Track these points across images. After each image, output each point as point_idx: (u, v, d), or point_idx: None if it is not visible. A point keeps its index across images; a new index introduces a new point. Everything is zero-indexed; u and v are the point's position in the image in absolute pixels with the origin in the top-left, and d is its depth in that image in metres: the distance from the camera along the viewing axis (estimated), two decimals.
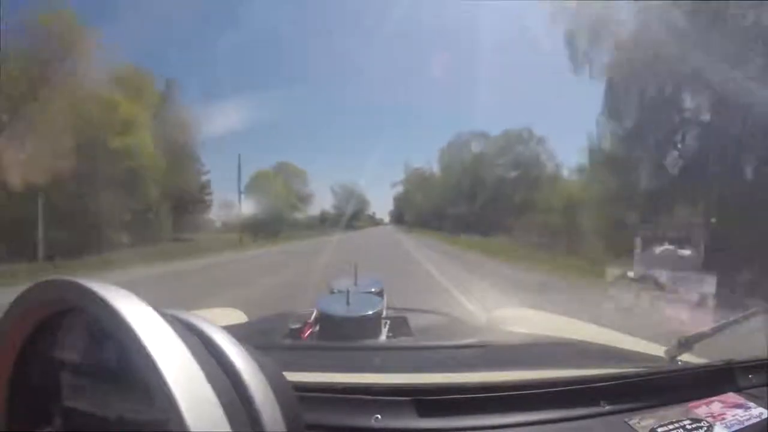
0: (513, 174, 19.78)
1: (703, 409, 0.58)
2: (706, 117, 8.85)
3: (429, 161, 27.23)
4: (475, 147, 22.30)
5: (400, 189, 29.26)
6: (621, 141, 10.44)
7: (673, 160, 9.52)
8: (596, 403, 0.57)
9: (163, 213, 15.12)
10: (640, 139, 9.79)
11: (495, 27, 17.47)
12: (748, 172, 7.75)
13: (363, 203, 30.91)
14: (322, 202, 29.04)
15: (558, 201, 14.16)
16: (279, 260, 11.63)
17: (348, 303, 1.01)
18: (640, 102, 9.59)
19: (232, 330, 0.35)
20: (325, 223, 27.01)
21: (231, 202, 20.73)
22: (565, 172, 18.06)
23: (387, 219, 33.16)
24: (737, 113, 7.43)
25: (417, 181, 27.27)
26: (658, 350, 0.76)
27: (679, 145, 9.43)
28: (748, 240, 6.20)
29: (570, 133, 24.75)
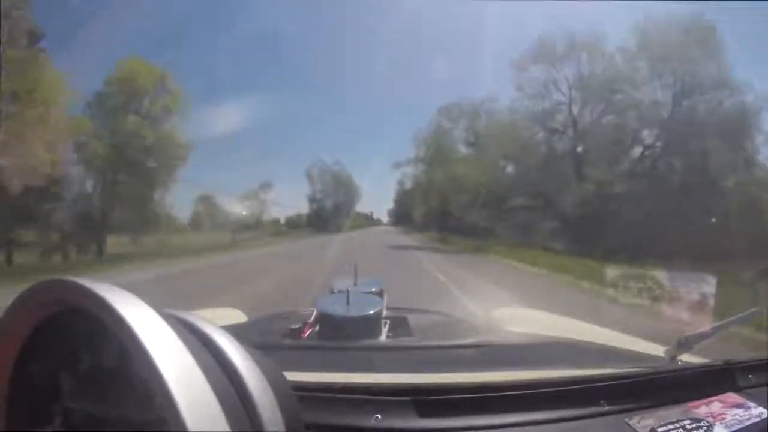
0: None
1: (703, 409, 0.58)
2: None
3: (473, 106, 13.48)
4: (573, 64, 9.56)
5: (409, 171, 16.91)
6: None
7: None
8: (596, 403, 0.57)
9: None
10: None
11: None
12: None
13: (352, 192, 20.41)
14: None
15: None
16: None
17: (348, 303, 1.01)
18: None
19: (232, 330, 0.35)
20: (312, 222, 19.07)
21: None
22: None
23: (386, 219, 25.45)
24: None
25: (447, 150, 13.89)
26: (658, 350, 0.76)
27: None
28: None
29: None
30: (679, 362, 0.69)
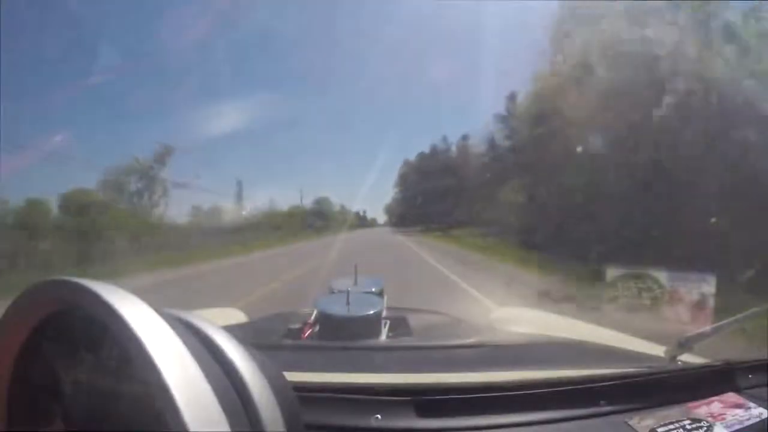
0: None
1: (703, 409, 0.58)
2: None
3: None
4: None
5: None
6: None
7: None
8: (596, 403, 0.57)
9: None
10: None
11: None
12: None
13: None
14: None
15: None
16: None
17: (348, 303, 1.01)
18: None
19: (232, 330, 0.35)
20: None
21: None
22: None
23: (382, 219, 23.41)
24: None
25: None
26: (658, 350, 0.76)
27: None
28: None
29: None
30: (679, 362, 0.69)
